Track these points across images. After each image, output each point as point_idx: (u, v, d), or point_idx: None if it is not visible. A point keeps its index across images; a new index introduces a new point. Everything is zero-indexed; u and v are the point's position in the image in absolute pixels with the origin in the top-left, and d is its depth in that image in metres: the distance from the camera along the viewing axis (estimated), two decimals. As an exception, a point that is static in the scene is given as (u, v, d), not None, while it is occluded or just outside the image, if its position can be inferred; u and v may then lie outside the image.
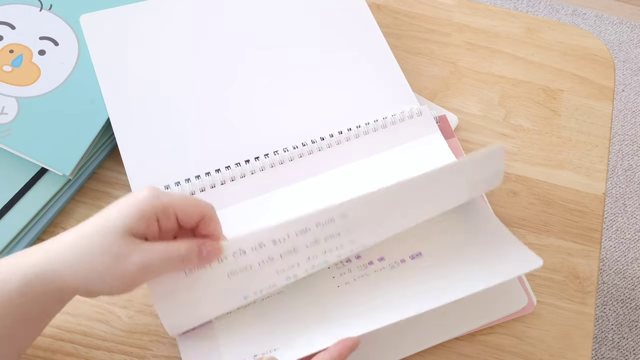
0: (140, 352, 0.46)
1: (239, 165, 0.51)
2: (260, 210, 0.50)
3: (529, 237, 0.52)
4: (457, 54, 0.62)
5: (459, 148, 0.54)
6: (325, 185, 0.51)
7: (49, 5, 0.56)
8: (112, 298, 0.48)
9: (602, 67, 0.62)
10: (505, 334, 0.48)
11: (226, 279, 0.42)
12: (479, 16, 0.65)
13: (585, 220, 0.54)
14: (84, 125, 0.51)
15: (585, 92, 0.61)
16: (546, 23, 0.65)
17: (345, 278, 0.46)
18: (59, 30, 0.55)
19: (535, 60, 0.63)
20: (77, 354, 0.45)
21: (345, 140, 0.53)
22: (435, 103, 0.59)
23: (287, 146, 0.52)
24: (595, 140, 0.58)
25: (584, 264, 0.52)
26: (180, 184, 0.50)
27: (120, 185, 0.52)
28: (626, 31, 1.56)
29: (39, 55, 0.54)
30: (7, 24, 0.55)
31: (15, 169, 0.50)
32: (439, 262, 0.46)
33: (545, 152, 0.57)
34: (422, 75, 0.61)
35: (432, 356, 0.47)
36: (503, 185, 0.55)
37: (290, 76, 0.55)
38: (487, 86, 0.61)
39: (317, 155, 0.52)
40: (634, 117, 1.44)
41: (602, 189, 0.55)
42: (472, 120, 0.58)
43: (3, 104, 0.51)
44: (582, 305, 0.50)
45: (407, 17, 0.64)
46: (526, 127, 0.58)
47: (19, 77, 0.53)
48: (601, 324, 1.19)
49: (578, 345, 0.48)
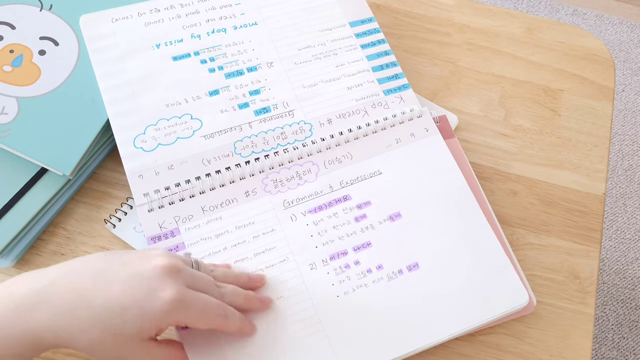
0: (140, 352, 0.46)
1: (239, 167, 0.51)
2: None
3: (529, 237, 0.53)
4: (457, 54, 0.62)
5: (459, 148, 0.54)
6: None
7: (49, 5, 0.56)
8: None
9: (602, 67, 0.62)
10: (505, 334, 0.48)
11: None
12: (479, 16, 0.65)
13: (585, 220, 0.54)
14: (84, 125, 0.51)
15: (585, 92, 0.61)
16: (546, 23, 0.65)
17: (344, 287, 0.46)
18: (59, 30, 0.55)
19: (535, 60, 0.63)
20: (77, 354, 0.45)
21: (345, 142, 0.53)
22: (435, 103, 0.59)
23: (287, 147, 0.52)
24: (595, 140, 0.58)
25: (584, 264, 0.52)
26: (181, 184, 0.50)
27: (120, 186, 0.52)
28: (626, 31, 1.56)
29: (39, 55, 0.54)
30: (7, 24, 0.55)
31: (15, 169, 0.50)
32: (433, 278, 0.47)
33: (545, 152, 0.57)
34: (422, 75, 0.61)
35: (431, 356, 0.47)
36: (503, 185, 0.55)
37: None
38: (487, 86, 0.61)
39: (316, 157, 0.52)
40: (634, 117, 1.44)
41: (602, 189, 0.55)
42: (472, 120, 0.58)
43: (3, 104, 0.51)
44: (582, 305, 0.50)
45: (407, 17, 0.64)
46: (526, 127, 0.58)
47: (19, 77, 0.53)
48: (601, 324, 1.19)
49: (578, 345, 0.48)
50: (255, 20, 0.58)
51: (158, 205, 0.49)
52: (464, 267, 0.48)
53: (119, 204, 0.52)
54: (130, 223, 0.50)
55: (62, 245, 0.50)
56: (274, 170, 0.51)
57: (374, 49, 0.58)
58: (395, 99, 0.56)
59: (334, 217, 0.49)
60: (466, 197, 0.51)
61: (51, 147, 0.50)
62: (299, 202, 0.50)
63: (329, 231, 0.49)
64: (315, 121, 0.54)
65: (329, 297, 0.46)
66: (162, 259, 0.39)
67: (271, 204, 0.50)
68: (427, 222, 0.50)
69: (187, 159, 0.51)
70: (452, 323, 0.46)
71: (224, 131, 0.52)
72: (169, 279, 0.38)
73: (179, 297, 0.38)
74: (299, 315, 0.45)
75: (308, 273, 0.47)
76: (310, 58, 0.57)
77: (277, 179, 0.51)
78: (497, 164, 0.56)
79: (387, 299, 0.46)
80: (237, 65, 0.56)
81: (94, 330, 0.37)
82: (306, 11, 0.59)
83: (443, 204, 0.50)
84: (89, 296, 0.37)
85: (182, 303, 0.38)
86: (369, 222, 0.49)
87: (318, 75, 0.56)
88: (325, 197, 0.50)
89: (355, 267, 0.47)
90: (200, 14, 0.57)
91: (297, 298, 0.46)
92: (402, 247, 0.48)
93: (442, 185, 0.51)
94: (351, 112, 0.54)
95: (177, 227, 0.48)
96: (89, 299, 0.37)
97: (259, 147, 0.52)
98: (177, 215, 0.49)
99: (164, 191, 0.49)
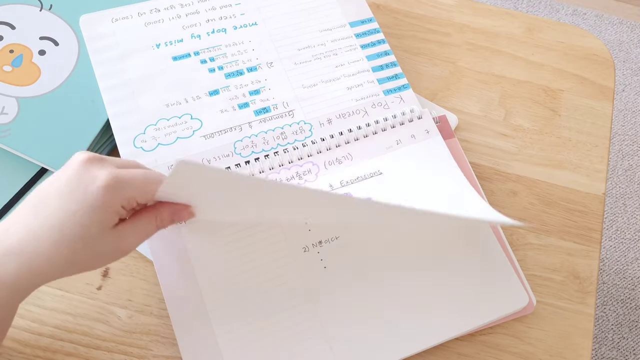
0: (140, 352, 0.46)
1: (239, 167, 0.51)
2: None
3: (529, 237, 0.53)
4: (457, 54, 0.62)
5: (459, 148, 0.54)
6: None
7: (49, 5, 0.56)
8: (112, 298, 0.48)
9: (602, 67, 0.62)
10: (505, 334, 0.48)
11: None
12: (479, 16, 0.65)
13: (585, 220, 0.54)
14: (84, 125, 0.51)
15: (585, 92, 0.61)
16: (546, 23, 0.65)
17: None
18: (59, 30, 0.55)
19: (535, 60, 0.63)
20: (77, 353, 0.45)
21: (345, 142, 0.53)
22: (435, 103, 0.59)
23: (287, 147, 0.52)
24: (595, 140, 0.58)
25: (584, 264, 0.52)
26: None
27: (120, 185, 0.52)
28: (626, 31, 1.56)
29: (39, 55, 0.54)
30: (7, 24, 0.55)
31: (15, 169, 0.50)
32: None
33: (545, 152, 0.57)
34: (422, 75, 0.61)
35: (431, 356, 0.47)
36: (503, 185, 0.55)
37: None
38: (487, 86, 0.61)
39: (316, 158, 0.52)
40: (634, 117, 1.44)
41: (602, 189, 0.55)
42: (472, 120, 0.58)
43: (3, 104, 0.51)
44: (582, 305, 0.50)
45: (407, 17, 0.64)
46: (526, 127, 0.58)
47: (19, 77, 0.53)
48: (601, 324, 1.19)
49: (578, 345, 0.48)
50: (255, 20, 0.58)
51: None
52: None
53: (119, 204, 0.52)
54: (130, 223, 0.50)
55: (62, 245, 0.50)
56: (274, 171, 0.51)
57: (374, 49, 0.58)
58: (395, 99, 0.56)
59: (334, 217, 0.49)
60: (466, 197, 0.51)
61: (51, 147, 0.50)
62: None
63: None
64: (315, 121, 0.54)
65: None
66: (80, 155, 0.39)
67: None
68: (426, 222, 0.50)
69: (187, 158, 0.51)
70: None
71: (224, 131, 0.52)
72: (95, 167, 0.38)
73: (113, 175, 0.38)
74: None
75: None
76: (310, 58, 0.57)
77: (277, 179, 0.51)
78: (497, 164, 0.56)
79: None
80: (237, 65, 0.56)
81: (62, 249, 0.37)
82: (306, 11, 0.59)
83: (443, 204, 0.50)
84: (38, 226, 0.38)
85: (120, 179, 0.38)
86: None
87: (318, 75, 0.56)
88: None
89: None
90: (200, 14, 0.57)
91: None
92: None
93: (442, 185, 0.51)
94: (351, 112, 0.54)
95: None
96: (40, 227, 0.37)
97: (259, 147, 0.52)
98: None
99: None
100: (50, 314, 0.47)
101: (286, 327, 0.45)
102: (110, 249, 0.40)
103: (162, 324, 0.47)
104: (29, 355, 0.45)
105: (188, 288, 0.46)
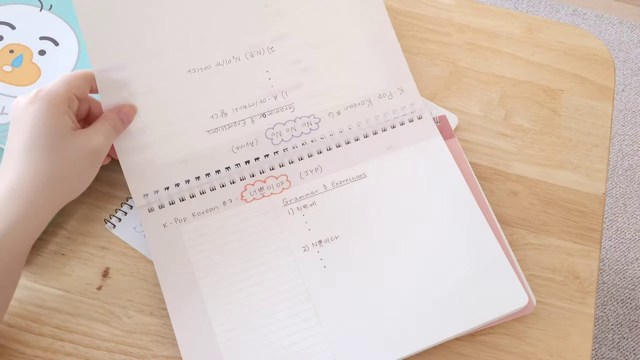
0: (140, 352, 0.46)
1: (239, 167, 0.51)
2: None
3: (528, 237, 0.53)
4: (457, 54, 0.62)
5: (459, 148, 0.54)
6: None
7: (49, 5, 0.56)
8: (112, 298, 0.48)
9: (602, 67, 0.62)
10: (505, 334, 0.48)
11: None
12: (479, 16, 0.65)
13: (585, 220, 0.54)
14: (84, 125, 0.51)
15: (585, 92, 0.61)
16: (546, 23, 0.65)
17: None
18: (59, 30, 0.55)
19: (535, 60, 0.63)
20: (77, 353, 0.46)
21: (345, 143, 0.53)
22: (435, 103, 0.59)
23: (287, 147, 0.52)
24: (595, 140, 0.58)
25: (584, 264, 0.52)
26: (180, 184, 0.50)
27: (120, 186, 0.52)
28: (626, 31, 1.56)
29: (39, 55, 0.54)
30: (7, 24, 0.55)
31: (15, 169, 0.50)
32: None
33: (545, 152, 0.57)
34: (422, 75, 0.61)
35: (431, 356, 0.47)
36: (503, 185, 0.55)
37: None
38: (487, 86, 0.61)
39: (317, 157, 0.52)
40: (634, 117, 1.44)
41: (602, 189, 0.55)
42: (472, 120, 0.58)
43: (3, 104, 0.51)
44: (582, 305, 0.50)
45: (407, 17, 0.64)
46: (526, 127, 0.58)
47: (19, 77, 0.53)
48: (601, 324, 1.20)
49: (578, 345, 0.48)
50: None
51: (158, 205, 0.49)
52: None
53: (119, 204, 0.52)
54: (130, 223, 0.50)
55: (62, 245, 0.50)
56: (274, 171, 0.51)
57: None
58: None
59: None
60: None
61: (51, 147, 0.50)
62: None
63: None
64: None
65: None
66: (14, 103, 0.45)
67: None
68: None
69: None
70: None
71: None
72: (27, 100, 0.44)
73: (38, 90, 0.44)
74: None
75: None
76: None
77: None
78: (497, 164, 0.56)
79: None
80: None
81: (39, 163, 0.42)
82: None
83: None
84: (14, 162, 0.42)
85: (44, 87, 0.44)
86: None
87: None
88: None
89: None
90: None
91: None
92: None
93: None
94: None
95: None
96: (15, 161, 0.42)
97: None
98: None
99: (163, 191, 0.49)
100: (51, 314, 0.47)
101: (286, 327, 0.45)
102: (81, 151, 0.44)
103: (162, 324, 0.47)
104: (30, 355, 0.45)
105: (188, 288, 0.46)
